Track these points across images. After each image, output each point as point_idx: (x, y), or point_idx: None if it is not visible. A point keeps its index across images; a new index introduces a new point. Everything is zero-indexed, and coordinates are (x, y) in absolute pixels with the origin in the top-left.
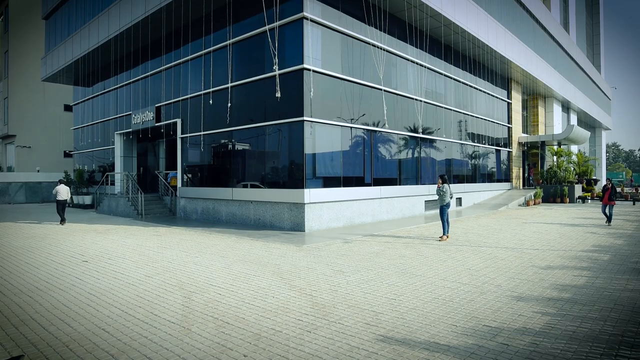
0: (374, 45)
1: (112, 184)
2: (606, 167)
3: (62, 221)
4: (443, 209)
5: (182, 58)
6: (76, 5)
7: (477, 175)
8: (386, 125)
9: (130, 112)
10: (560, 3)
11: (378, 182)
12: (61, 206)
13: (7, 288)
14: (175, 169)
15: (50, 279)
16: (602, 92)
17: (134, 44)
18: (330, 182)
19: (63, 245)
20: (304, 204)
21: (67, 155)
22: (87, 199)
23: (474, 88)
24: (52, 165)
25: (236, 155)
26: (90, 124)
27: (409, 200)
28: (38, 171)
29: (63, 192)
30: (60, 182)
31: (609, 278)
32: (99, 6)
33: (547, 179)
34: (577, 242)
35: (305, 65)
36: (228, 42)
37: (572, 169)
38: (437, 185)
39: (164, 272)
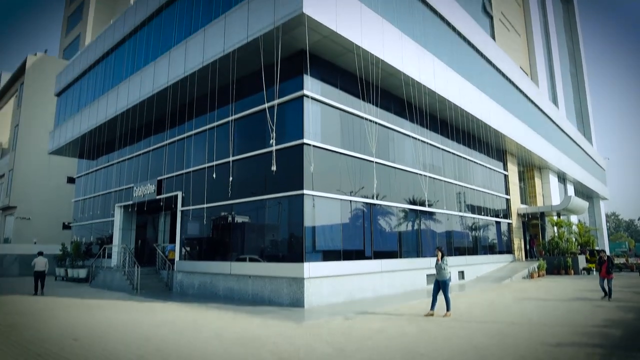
0: (371, 121)
1: (109, 256)
2: (608, 237)
3: (35, 292)
4: (445, 284)
5: (185, 133)
6: (87, 83)
7: (478, 247)
8: (384, 198)
9: (132, 185)
10: (548, 79)
11: (378, 255)
12: (38, 277)
13: None
14: (174, 242)
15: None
16: (596, 162)
17: (139, 119)
18: (330, 255)
19: (52, 322)
20: (304, 278)
21: (65, 227)
22: (82, 273)
23: (471, 161)
24: (50, 237)
25: (236, 229)
26: (92, 196)
27: (410, 274)
28: (35, 243)
29: (40, 263)
30: (39, 254)
31: (625, 356)
32: (109, 84)
33: (550, 251)
34: (586, 317)
35: (305, 140)
36: (230, 118)
37: (574, 239)
38: (436, 260)
39: (156, 352)
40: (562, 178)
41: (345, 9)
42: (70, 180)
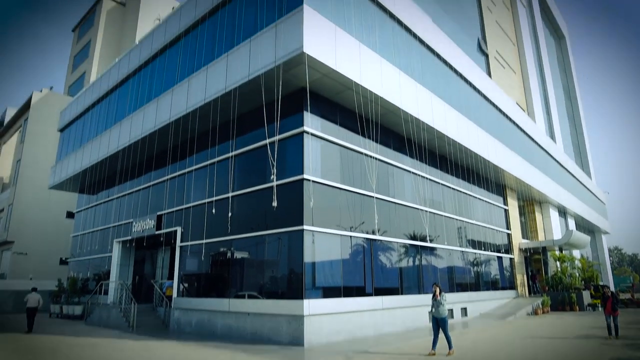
0: (370, 157)
1: (106, 293)
2: (612, 272)
3: (29, 330)
4: (444, 321)
5: (185, 168)
6: (91, 119)
7: (480, 283)
8: (385, 233)
9: (131, 220)
10: (544, 114)
11: (379, 291)
12: (31, 313)
13: None
14: (172, 278)
15: None
16: (596, 196)
17: (140, 154)
18: (330, 292)
19: None
20: (303, 316)
21: (63, 262)
22: (78, 309)
23: (471, 196)
24: (47, 273)
25: (234, 264)
26: (90, 231)
27: (412, 311)
28: (31, 279)
29: (33, 299)
30: (33, 290)
31: None
32: (112, 120)
33: (553, 286)
34: (593, 356)
35: (305, 176)
36: (231, 154)
37: (577, 274)
38: (435, 296)
39: None
40: (563, 212)
41: (345, 48)
42: (70, 215)
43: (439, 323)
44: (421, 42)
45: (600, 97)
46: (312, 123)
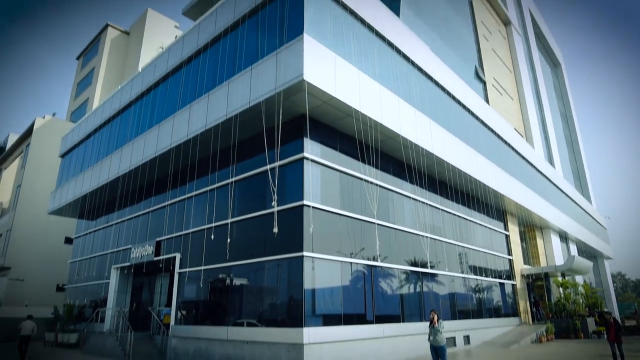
0: (370, 182)
1: (102, 320)
2: (616, 298)
3: (22, 358)
4: (443, 350)
5: (185, 194)
6: (92, 145)
7: (483, 310)
8: (385, 259)
9: (130, 246)
10: (542, 140)
11: (380, 319)
12: (24, 342)
13: None
14: (170, 306)
15: None
16: (597, 221)
17: (141, 180)
18: (330, 320)
19: None
20: (303, 344)
21: (59, 289)
22: (73, 337)
23: (471, 221)
24: (43, 300)
25: (233, 292)
26: (88, 257)
27: (414, 339)
28: (26, 306)
29: (27, 327)
30: (29, 317)
31: None
32: (114, 146)
33: (557, 313)
34: None
35: (305, 202)
36: (230, 180)
37: (581, 301)
38: (433, 324)
39: None
40: (564, 237)
41: (344, 76)
42: (68, 240)
43: (437, 352)
44: (420, 70)
45: (597, 122)
46: (312, 149)
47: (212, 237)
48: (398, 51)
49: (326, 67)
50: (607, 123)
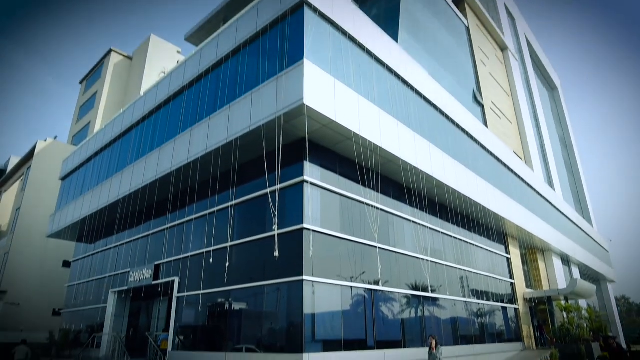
0: (370, 205)
1: (99, 346)
2: (621, 322)
3: None
4: None
5: (185, 218)
6: (92, 168)
7: (486, 335)
8: (386, 283)
9: (129, 270)
10: (542, 163)
11: (381, 344)
12: None
13: None
14: (168, 331)
15: None
16: (599, 244)
17: (140, 203)
18: (330, 345)
19: None
20: None
21: (56, 314)
22: None
23: (472, 244)
24: (39, 325)
25: (232, 316)
26: (86, 281)
27: None
28: (21, 331)
29: (21, 352)
30: (23, 342)
31: None
32: (114, 169)
33: (561, 338)
34: None
35: (305, 225)
36: (230, 203)
37: (585, 325)
38: (431, 349)
39: None
40: (566, 260)
41: (344, 100)
42: (66, 264)
43: None
44: (418, 93)
45: (596, 144)
46: (312, 172)
47: (211, 260)
48: (397, 75)
49: (326, 91)
50: (606, 145)
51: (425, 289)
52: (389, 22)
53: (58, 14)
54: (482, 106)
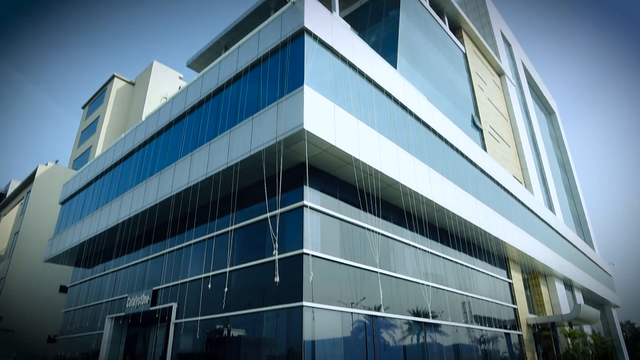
0: (370, 230)
1: None
2: (628, 348)
3: None
4: None
5: (184, 242)
6: (92, 193)
7: None
8: (387, 309)
9: (126, 295)
10: (541, 187)
11: None
12: None
13: None
14: (165, 358)
15: None
16: (601, 268)
17: (140, 228)
18: None
19: None
20: None
21: (50, 340)
22: None
23: (474, 269)
24: (33, 352)
25: (230, 343)
26: (82, 307)
27: None
28: (15, 358)
29: None
30: None
31: None
32: (114, 193)
33: None
34: None
35: (304, 250)
36: (230, 227)
37: (591, 352)
38: None
39: None
40: (569, 285)
41: (344, 125)
42: (63, 289)
43: None
44: (417, 118)
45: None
46: (312, 197)
47: (210, 286)
48: (396, 101)
49: (326, 116)
50: (605, 168)
51: (426, 315)
52: (387, 49)
53: (63, 40)
54: (481, 130)
